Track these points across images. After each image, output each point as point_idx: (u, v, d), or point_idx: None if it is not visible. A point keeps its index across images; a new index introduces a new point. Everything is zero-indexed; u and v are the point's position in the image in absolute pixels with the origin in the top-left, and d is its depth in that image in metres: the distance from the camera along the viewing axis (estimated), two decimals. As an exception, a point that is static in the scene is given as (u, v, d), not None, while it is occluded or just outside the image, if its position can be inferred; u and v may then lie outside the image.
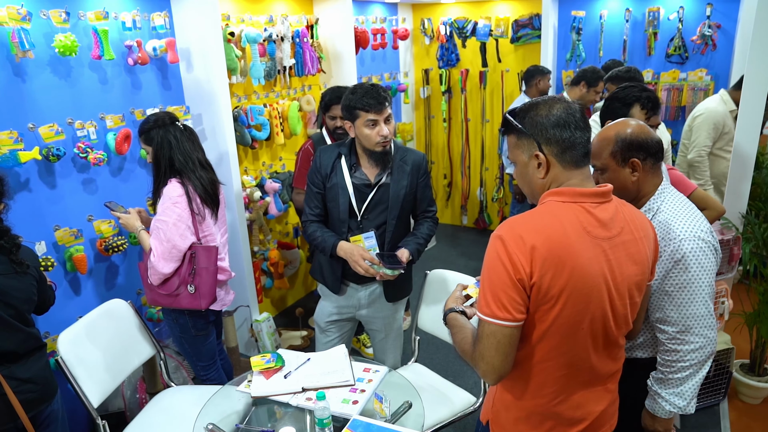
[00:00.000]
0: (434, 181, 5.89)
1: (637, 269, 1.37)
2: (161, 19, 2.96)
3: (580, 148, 1.33)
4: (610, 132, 1.69)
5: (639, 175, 1.66)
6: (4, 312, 1.86)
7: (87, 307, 2.59)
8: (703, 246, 1.57)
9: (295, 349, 3.64)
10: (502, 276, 1.26)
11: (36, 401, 1.95)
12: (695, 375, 1.62)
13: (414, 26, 5.46)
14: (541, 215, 1.30)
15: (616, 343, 1.42)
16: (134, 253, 3.04)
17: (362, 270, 2.21)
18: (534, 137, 1.33)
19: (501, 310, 1.26)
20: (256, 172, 3.80)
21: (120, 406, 2.85)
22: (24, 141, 2.42)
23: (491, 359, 1.29)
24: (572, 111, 1.32)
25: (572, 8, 4.78)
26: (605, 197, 1.35)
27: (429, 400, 2.32)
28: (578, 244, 1.27)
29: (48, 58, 2.54)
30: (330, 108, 2.99)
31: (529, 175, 1.38)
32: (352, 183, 2.29)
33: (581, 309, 1.29)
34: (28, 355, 1.95)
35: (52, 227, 2.62)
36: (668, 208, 1.66)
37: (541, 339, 1.32)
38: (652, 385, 1.69)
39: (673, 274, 1.59)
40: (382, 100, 2.16)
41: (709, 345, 1.60)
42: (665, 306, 1.61)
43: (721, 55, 4.35)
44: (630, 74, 3.39)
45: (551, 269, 1.24)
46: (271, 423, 1.99)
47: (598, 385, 1.43)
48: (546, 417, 1.41)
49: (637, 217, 1.43)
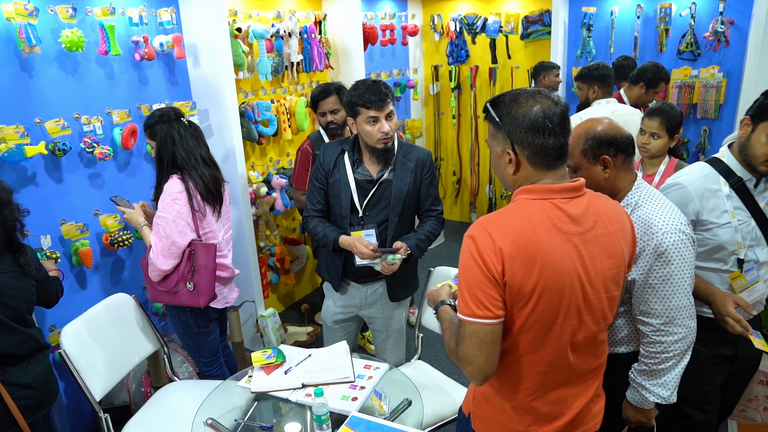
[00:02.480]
0: (443, 177, 5.87)
1: (612, 263, 1.36)
2: (168, 14, 2.97)
3: (553, 153, 1.31)
4: (579, 130, 1.72)
5: (611, 172, 1.69)
6: (1, 312, 1.84)
7: (92, 301, 2.61)
8: (684, 238, 1.61)
9: (300, 345, 3.65)
10: (477, 274, 1.26)
11: (35, 407, 1.93)
12: (677, 365, 1.65)
13: (424, 22, 5.44)
14: (510, 213, 1.30)
15: (595, 339, 1.41)
16: (140, 248, 3.06)
17: (364, 255, 2.19)
18: (508, 135, 1.32)
19: (480, 309, 1.27)
20: (262, 167, 3.80)
21: (125, 400, 2.88)
22: (30, 136, 2.44)
23: (475, 359, 1.28)
24: (550, 114, 1.28)
25: (583, 4, 4.72)
26: (577, 192, 1.34)
27: (431, 397, 2.31)
28: (547, 241, 1.26)
29: (55, 53, 2.56)
30: (318, 105, 2.99)
31: (501, 166, 1.39)
32: (355, 179, 2.28)
33: (554, 305, 1.29)
34: (27, 358, 1.93)
35: (59, 221, 2.65)
36: (646, 202, 1.69)
37: (517, 335, 1.32)
38: (635, 377, 1.72)
39: (656, 267, 1.61)
40: (383, 96, 2.14)
41: (691, 335, 1.65)
42: (649, 299, 1.64)
43: (734, 51, 4.28)
44: (599, 71, 3.40)
45: (521, 267, 1.24)
46: (276, 418, 1.99)
47: (578, 382, 1.43)
48: (525, 412, 1.41)
49: (613, 209, 1.42)
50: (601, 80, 3.48)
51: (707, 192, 1.87)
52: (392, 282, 2.40)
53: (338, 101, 2.94)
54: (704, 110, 4.38)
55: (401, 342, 2.59)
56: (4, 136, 2.34)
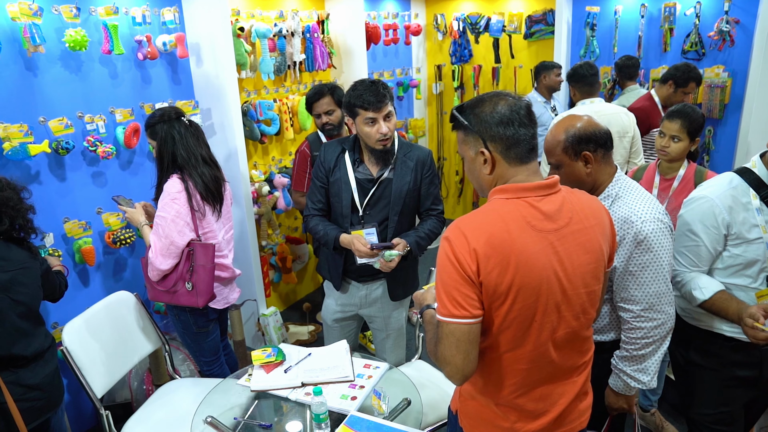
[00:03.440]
0: (446, 177, 5.87)
1: (589, 258, 1.37)
2: (171, 14, 2.98)
3: (525, 144, 1.34)
4: (559, 129, 1.76)
5: (592, 167, 1.73)
6: (14, 310, 1.84)
7: (95, 299, 2.62)
8: (662, 227, 1.66)
9: (302, 344, 3.65)
10: (453, 275, 1.28)
11: (42, 409, 1.93)
12: (657, 350, 1.70)
13: (427, 22, 5.43)
14: (484, 214, 1.32)
15: (578, 335, 1.42)
16: (142, 247, 3.07)
17: (361, 252, 2.19)
18: (479, 134, 1.35)
19: (457, 308, 1.28)
20: (265, 166, 3.81)
21: (127, 397, 2.89)
22: (34, 134, 2.46)
23: (452, 359, 1.29)
24: (516, 108, 1.33)
25: (586, 4, 4.71)
26: (550, 189, 1.35)
27: (431, 397, 2.31)
28: (521, 240, 1.28)
29: (59, 52, 2.58)
30: (312, 106, 2.97)
31: (476, 170, 1.40)
32: (356, 178, 2.29)
33: (531, 303, 1.30)
34: (37, 358, 1.93)
35: (62, 219, 2.67)
36: (626, 193, 1.73)
37: (497, 334, 1.33)
38: (617, 363, 1.76)
39: (636, 255, 1.66)
40: (381, 97, 2.12)
41: (669, 321, 1.69)
42: (629, 286, 1.68)
43: (739, 51, 4.25)
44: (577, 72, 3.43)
45: (496, 267, 1.26)
46: (277, 417, 1.99)
47: (562, 379, 1.43)
48: (510, 409, 1.42)
49: (590, 204, 1.43)
50: (576, 80, 3.50)
51: (736, 204, 1.78)
52: (392, 281, 2.40)
53: (332, 102, 2.92)
54: (709, 110, 4.36)
55: (401, 341, 2.59)
56: (9, 134, 2.36)
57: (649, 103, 3.55)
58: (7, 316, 1.83)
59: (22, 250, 1.92)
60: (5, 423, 1.81)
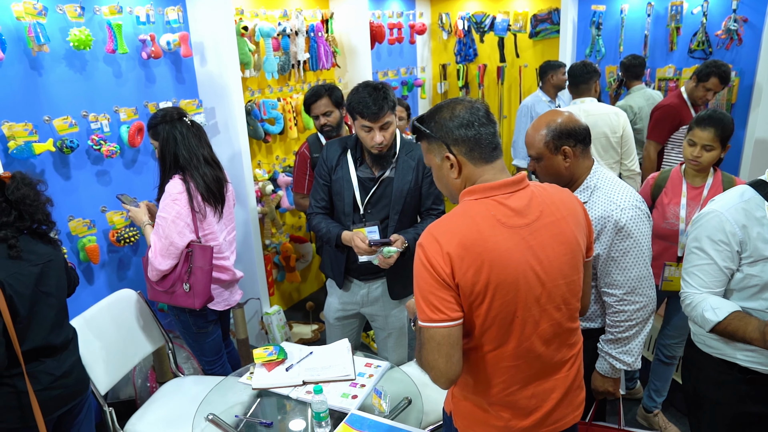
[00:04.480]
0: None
1: (564, 248, 1.38)
2: (175, 13, 2.99)
3: (487, 143, 1.35)
4: (541, 123, 1.82)
5: (571, 161, 1.80)
6: (46, 302, 1.85)
7: (99, 296, 2.64)
8: (640, 214, 1.75)
9: (305, 342, 3.66)
10: (428, 280, 1.29)
11: (69, 396, 1.94)
12: (641, 332, 1.79)
13: (432, 21, 5.43)
14: (455, 216, 1.33)
15: (563, 327, 1.41)
16: (145, 245, 3.08)
17: (360, 249, 2.19)
18: (442, 140, 1.37)
19: (434, 312, 1.28)
20: (269, 165, 3.82)
21: (131, 394, 2.91)
22: (39, 133, 2.47)
23: (435, 363, 1.30)
24: (474, 110, 1.36)
25: (592, 3, 4.68)
26: (518, 185, 1.36)
27: (432, 396, 2.30)
28: (493, 238, 1.29)
29: (63, 52, 2.59)
30: (310, 108, 2.95)
31: (444, 177, 1.42)
32: (357, 177, 2.29)
33: (510, 299, 1.31)
34: (64, 347, 1.94)
35: (66, 218, 2.68)
36: (605, 184, 1.81)
37: (480, 334, 1.34)
38: (602, 346, 1.85)
39: (617, 241, 1.74)
40: (380, 108, 2.09)
41: (651, 303, 1.78)
42: (612, 271, 1.76)
43: (747, 49, 4.22)
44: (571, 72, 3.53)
45: (470, 267, 1.27)
46: (279, 415, 2.00)
47: (552, 373, 1.43)
48: (502, 407, 1.42)
49: (561, 197, 1.43)
50: (569, 80, 3.61)
51: (749, 220, 1.61)
52: (393, 280, 2.40)
53: (330, 103, 2.88)
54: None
55: (403, 340, 2.60)
56: (14, 133, 2.38)
57: (678, 101, 3.53)
58: (41, 308, 1.85)
59: (46, 243, 1.94)
60: (20, 413, 1.81)
